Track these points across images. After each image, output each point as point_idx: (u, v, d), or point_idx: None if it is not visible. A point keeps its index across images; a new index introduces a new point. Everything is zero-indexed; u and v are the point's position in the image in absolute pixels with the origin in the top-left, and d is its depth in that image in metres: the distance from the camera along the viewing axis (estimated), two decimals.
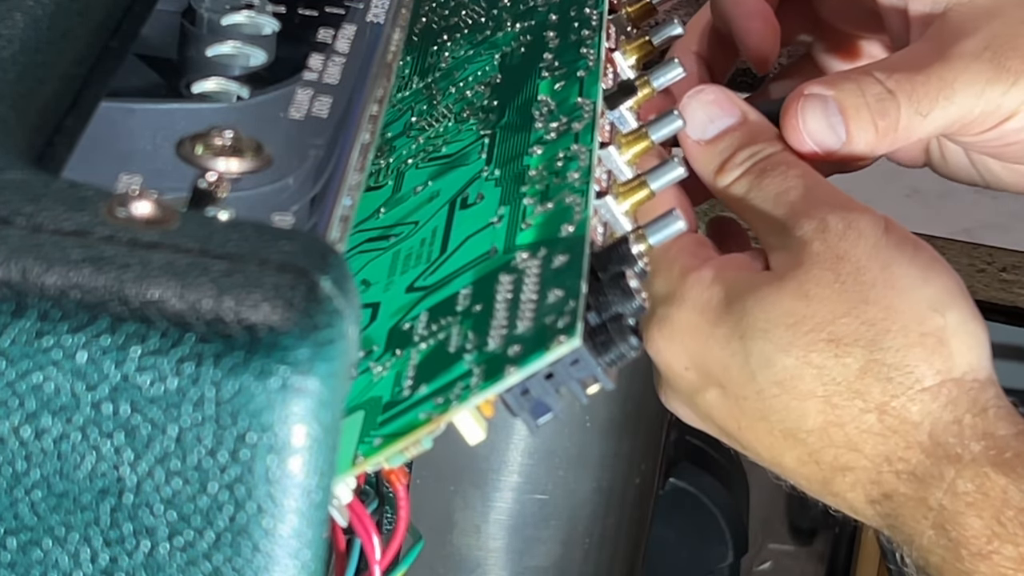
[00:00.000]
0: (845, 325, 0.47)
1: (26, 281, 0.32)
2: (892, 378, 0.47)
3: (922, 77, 0.52)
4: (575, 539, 0.83)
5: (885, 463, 0.47)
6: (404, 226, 0.48)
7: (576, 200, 0.44)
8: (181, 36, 0.46)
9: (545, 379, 0.40)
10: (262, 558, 0.32)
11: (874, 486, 0.48)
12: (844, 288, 0.47)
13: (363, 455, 0.39)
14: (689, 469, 1.06)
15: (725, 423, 0.50)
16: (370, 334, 0.44)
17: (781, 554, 1.35)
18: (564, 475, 0.79)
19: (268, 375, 0.31)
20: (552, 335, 0.39)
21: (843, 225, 0.48)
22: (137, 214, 0.33)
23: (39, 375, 0.31)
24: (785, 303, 0.47)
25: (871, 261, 0.48)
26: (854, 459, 0.47)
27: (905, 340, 0.47)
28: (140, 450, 0.32)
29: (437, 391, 0.40)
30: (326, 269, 0.33)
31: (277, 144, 0.40)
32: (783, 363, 0.47)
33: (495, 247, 0.44)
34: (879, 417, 0.47)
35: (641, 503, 0.87)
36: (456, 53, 0.55)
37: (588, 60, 0.51)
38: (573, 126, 0.48)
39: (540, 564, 0.83)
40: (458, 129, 0.51)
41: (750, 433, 0.49)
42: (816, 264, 0.48)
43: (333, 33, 0.47)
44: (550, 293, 0.41)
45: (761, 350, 0.47)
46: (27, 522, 0.32)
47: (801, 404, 0.47)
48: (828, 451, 0.48)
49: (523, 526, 0.81)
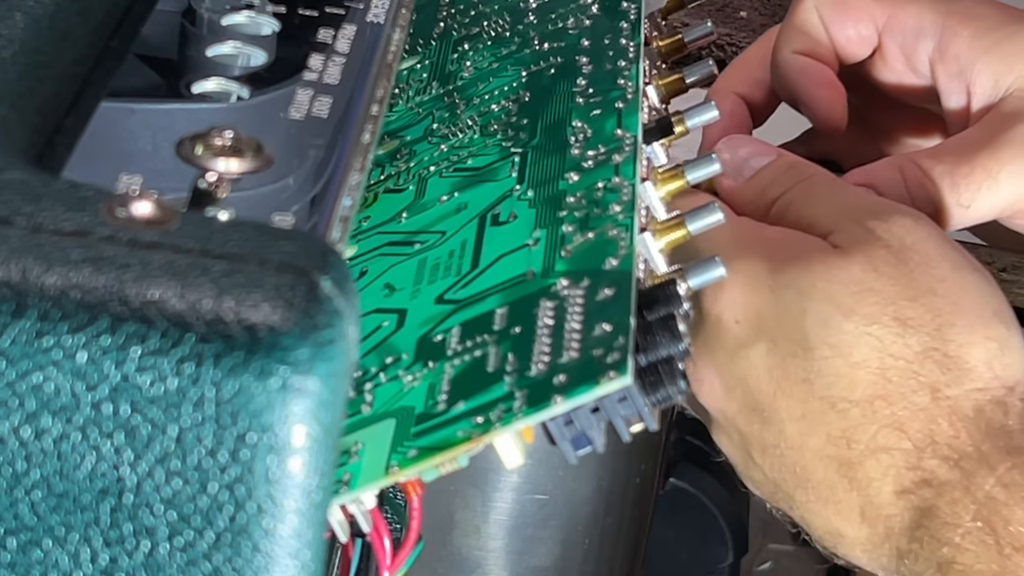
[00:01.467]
0: (911, 308, 0.46)
1: (26, 281, 0.32)
2: (951, 369, 0.46)
3: (966, 168, 0.52)
4: (575, 539, 0.83)
5: (930, 446, 0.46)
6: (430, 234, 0.48)
7: (620, 234, 0.44)
8: (181, 36, 0.46)
9: (591, 412, 0.40)
10: (262, 558, 0.32)
11: (911, 472, 0.46)
12: (913, 275, 0.47)
13: (399, 465, 0.39)
14: (689, 469, 1.06)
15: (760, 385, 0.48)
16: (397, 341, 0.43)
17: (781, 554, 1.35)
18: (564, 475, 0.79)
19: (268, 375, 0.31)
20: (602, 369, 0.39)
21: (911, 221, 0.48)
22: (137, 214, 0.33)
23: (39, 375, 0.31)
24: (854, 270, 0.47)
25: (941, 259, 0.47)
26: (895, 439, 0.46)
27: (969, 337, 0.46)
28: (140, 450, 0.32)
29: (476, 410, 0.40)
30: (326, 269, 0.33)
31: (277, 144, 0.40)
32: (842, 326, 0.46)
33: (532, 270, 0.44)
34: (932, 399, 0.46)
35: (641, 503, 0.87)
36: (479, 64, 0.55)
37: (626, 91, 0.51)
38: (613, 157, 0.48)
39: (540, 564, 0.83)
40: (484, 143, 0.51)
41: (785, 398, 0.47)
42: (885, 246, 0.47)
43: (333, 33, 0.47)
44: (597, 326, 0.40)
45: (819, 310, 0.46)
46: (27, 522, 0.32)
47: (852, 371, 0.46)
48: (868, 428, 0.46)
49: (523, 526, 0.81)
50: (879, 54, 0.58)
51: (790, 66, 0.57)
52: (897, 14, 0.57)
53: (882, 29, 0.57)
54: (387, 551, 0.41)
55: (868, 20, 0.57)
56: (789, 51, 0.58)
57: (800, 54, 0.57)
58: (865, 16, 0.57)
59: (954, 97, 0.56)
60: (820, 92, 0.57)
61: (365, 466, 0.40)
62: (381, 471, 0.39)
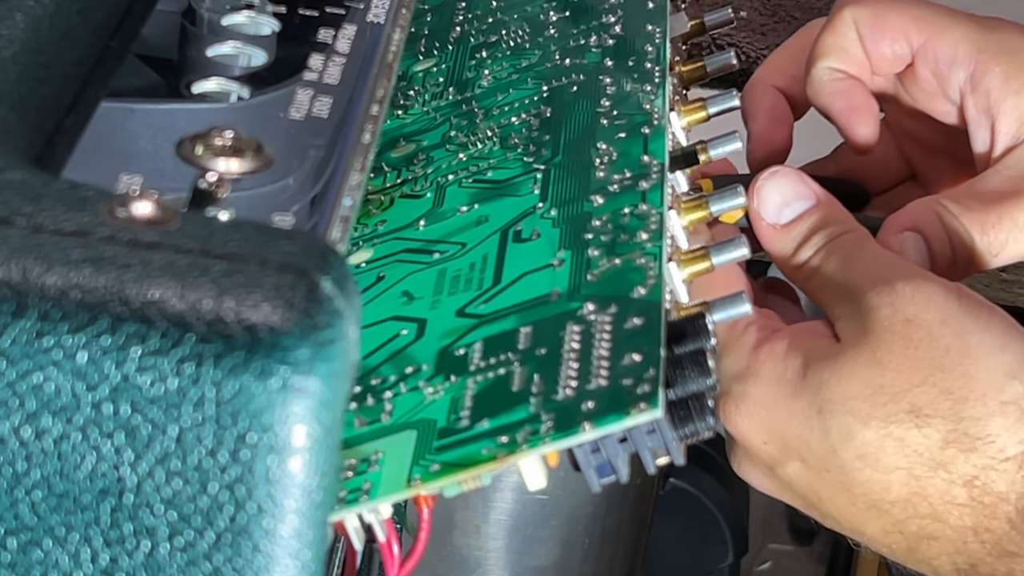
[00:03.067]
0: (923, 393, 0.47)
1: (26, 281, 0.32)
2: (976, 448, 0.46)
3: (994, 217, 0.52)
4: (575, 539, 0.83)
5: (971, 534, 0.47)
6: (449, 245, 0.48)
7: (648, 263, 0.44)
8: (181, 36, 0.46)
9: (619, 442, 0.40)
10: (262, 558, 0.32)
11: (960, 555, 0.47)
12: (918, 354, 0.47)
13: (421, 479, 0.39)
14: (689, 469, 1.06)
15: (806, 494, 0.49)
16: (416, 351, 0.43)
17: (781, 554, 1.35)
18: (564, 475, 0.79)
19: (268, 375, 0.31)
20: (632, 400, 0.39)
21: (911, 289, 0.48)
22: (137, 214, 0.33)
23: (39, 375, 0.31)
24: (860, 373, 0.47)
25: (943, 327, 0.47)
26: (939, 529, 0.47)
27: (985, 409, 0.46)
28: (140, 450, 0.32)
29: (500, 429, 0.40)
30: (326, 269, 0.33)
31: (277, 144, 0.40)
32: (863, 437, 0.47)
33: (557, 291, 0.44)
34: (965, 489, 0.47)
35: (641, 503, 0.87)
36: (498, 74, 0.55)
37: (652, 116, 0.51)
38: (640, 184, 0.48)
39: (540, 564, 0.83)
40: (504, 155, 0.51)
41: (831, 505, 0.49)
42: (886, 330, 0.47)
43: (333, 33, 0.47)
44: (626, 355, 0.40)
45: (840, 424, 0.47)
46: (27, 522, 0.32)
47: (885, 477, 0.47)
48: (912, 522, 0.47)
49: (523, 526, 0.81)
50: (911, 73, 0.58)
51: (824, 84, 0.58)
52: (933, 40, 0.57)
53: (916, 51, 0.57)
54: (396, 559, 0.41)
55: (904, 40, 0.57)
56: (825, 66, 0.58)
57: (835, 70, 0.58)
58: (901, 36, 0.57)
59: (981, 131, 0.56)
60: (853, 116, 0.57)
61: (386, 476, 0.39)
62: (403, 483, 0.39)
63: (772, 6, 1.08)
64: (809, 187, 0.52)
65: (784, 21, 1.06)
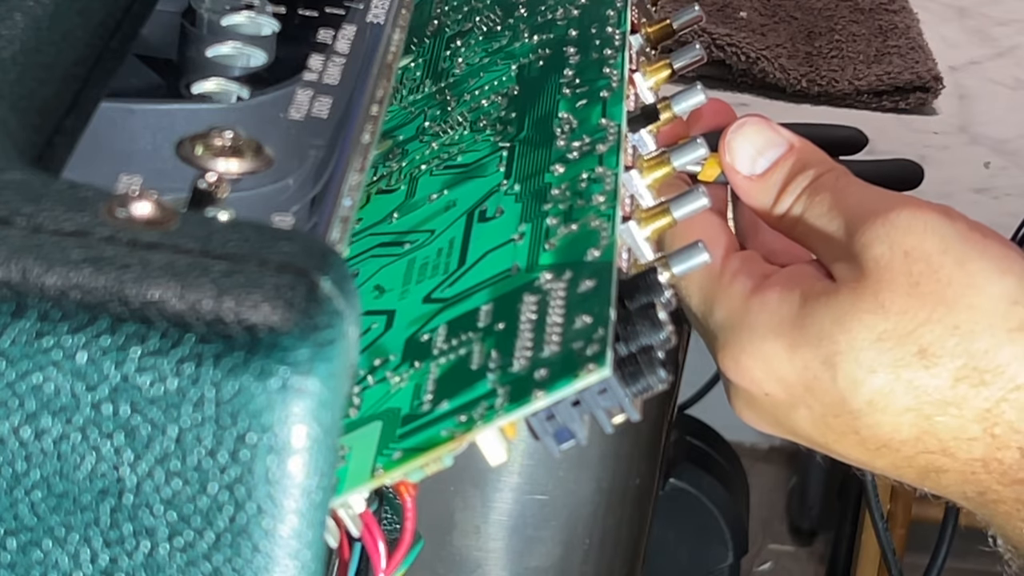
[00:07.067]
0: (929, 332, 0.46)
1: (26, 281, 0.32)
2: (986, 382, 0.46)
3: None
4: (575, 539, 0.83)
5: (980, 464, 0.47)
6: (419, 234, 0.47)
7: (602, 224, 0.44)
8: (181, 36, 0.46)
9: (572, 406, 0.40)
10: (262, 559, 0.32)
11: (968, 484, 0.47)
12: (919, 290, 0.46)
13: (383, 468, 0.39)
14: (689, 469, 1.06)
15: (813, 437, 0.49)
16: (386, 343, 0.43)
17: (781, 554, 1.35)
18: (564, 475, 0.79)
19: (268, 375, 0.31)
20: (581, 362, 0.39)
21: (907, 217, 0.47)
22: (137, 214, 0.33)
23: (39, 375, 0.31)
24: (864, 319, 0.46)
25: (944, 257, 0.46)
26: (948, 463, 0.47)
27: (994, 340, 0.46)
28: (140, 450, 0.32)
29: (459, 408, 0.39)
30: (326, 269, 0.33)
31: (277, 144, 0.40)
32: (872, 384, 0.46)
33: (517, 265, 0.44)
34: (977, 424, 0.46)
35: (641, 503, 0.87)
36: (471, 60, 0.55)
37: (611, 80, 0.50)
38: (597, 147, 0.47)
39: (540, 564, 0.83)
40: (474, 139, 0.51)
41: (839, 445, 0.48)
42: (886, 268, 0.47)
43: (333, 34, 0.47)
44: (577, 318, 0.40)
45: (847, 374, 0.47)
46: (27, 522, 0.32)
47: (895, 419, 0.47)
48: (921, 457, 0.47)
49: (523, 526, 0.81)
50: None
51: None
52: None
53: None
54: (381, 554, 0.41)
55: None
56: None
57: None
58: None
59: None
60: None
61: (352, 470, 0.39)
62: (367, 474, 0.39)
63: (772, 6, 1.08)
64: (780, 133, 0.51)
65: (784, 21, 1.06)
